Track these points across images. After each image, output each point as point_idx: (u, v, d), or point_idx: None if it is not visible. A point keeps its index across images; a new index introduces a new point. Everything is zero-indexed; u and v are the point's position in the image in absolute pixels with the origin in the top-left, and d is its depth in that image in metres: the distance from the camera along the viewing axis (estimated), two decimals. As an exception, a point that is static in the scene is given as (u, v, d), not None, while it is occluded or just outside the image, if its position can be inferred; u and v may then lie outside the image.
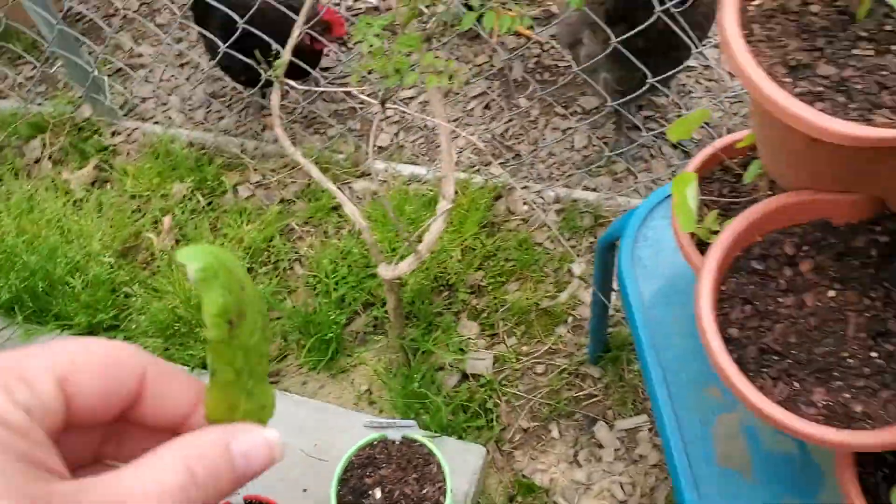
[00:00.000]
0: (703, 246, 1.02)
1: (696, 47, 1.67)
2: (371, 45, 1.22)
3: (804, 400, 0.79)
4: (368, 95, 1.63)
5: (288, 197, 2.24)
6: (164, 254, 2.06)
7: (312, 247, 2.12)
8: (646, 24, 1.55)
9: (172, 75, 2.55)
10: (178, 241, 2.12)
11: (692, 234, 1.05)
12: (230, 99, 2.50)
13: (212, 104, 2.48)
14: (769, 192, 1.00)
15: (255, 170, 2.29)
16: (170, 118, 2.45)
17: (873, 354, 0.82)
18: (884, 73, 0.73)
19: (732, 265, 0.87)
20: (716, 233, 0.96)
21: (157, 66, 2.59)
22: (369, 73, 2.17)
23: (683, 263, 1.23)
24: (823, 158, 0.78)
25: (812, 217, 0.88)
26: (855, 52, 0.75)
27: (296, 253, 2.12)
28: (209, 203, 2.22)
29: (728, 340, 0.84)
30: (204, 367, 1.85)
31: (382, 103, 1.37)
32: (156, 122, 2.46)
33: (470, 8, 1.36)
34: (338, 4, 2.71)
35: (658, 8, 1.54)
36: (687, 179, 0.95)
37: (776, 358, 0.83)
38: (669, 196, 1.33)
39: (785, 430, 0.77)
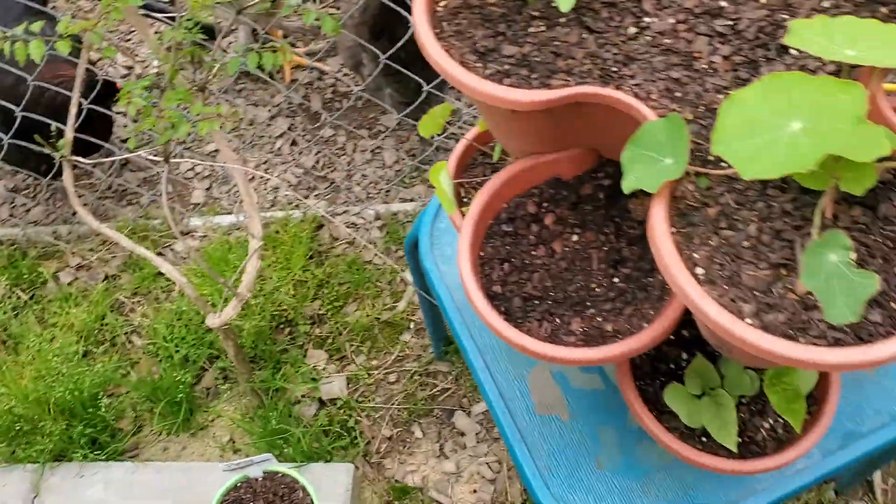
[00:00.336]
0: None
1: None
2: (138, 107, 1.27)
3: (564, 331, 0.91)
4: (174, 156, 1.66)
5: (112, 272, 2.22)
6: (-9, 357, 2.01)
7: (146, 315, 2.12)
8: (405, 37, 1.67)
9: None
10: (4, 342, 2.07)
11: (464, 216, 1.16)
12: (34, 189, 2.46)
13: (15, 199, 2.43)
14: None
15: (74, 253, 2.27)
16: (-29, 221, 2.39)
17: (616, 280, 0.95)
18: (556, 43, 0.86)
19: (487, 232, 0.98)
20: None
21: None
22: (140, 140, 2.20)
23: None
24: (529, 125, 0.90)
25: (545, 177, 1.00)
26: (531, 30, 0.87)
27: (130, 325, 2.11)
28: (31, 297, 2.17)
29: (494, 297, 0.94)
30: (55, 459, 1.82)
31: (166, 159, 1.41)
32: (-43, 229, 2.39)
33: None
34: (127, 75, 2.71)
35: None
36: (439, 168, 1.06)
37: (537, 302, 0.94)
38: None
39: (553, 361, 0.88)
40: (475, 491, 1.84)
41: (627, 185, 0.75)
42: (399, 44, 1.70)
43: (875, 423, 1.18)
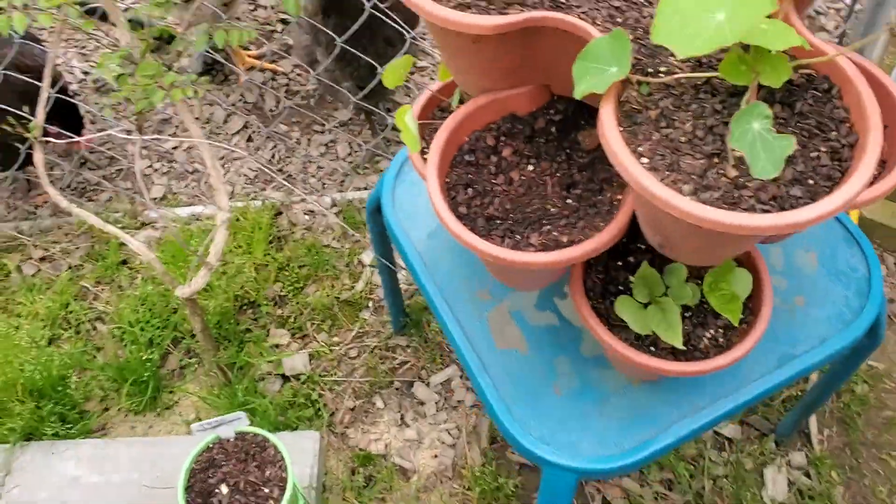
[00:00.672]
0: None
1: (408, 32, 1.91)
2: (115, 75, 1.33)
3: (525, 244, 1.00)
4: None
5: (75, 263, 2.26)
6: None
7: (110, 302, 2.15)
8: (361, 19, 1.77)
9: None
10: (-33, 332, 2.08)
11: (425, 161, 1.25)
12: (-9, 187, 2.48)
13: (-28, 198, 2.45)
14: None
15: (36, 246, 2.30)
16: (-70, 220, 2.40)
17: (569, 201, 1.05)
18: (511, -19, 0.97)
19: (451, 162, 1.08)
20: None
21: None
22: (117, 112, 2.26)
23: (432, 196, 1.44)
24: (487, 54, 1.00)
25: (501, 113, 1.10)
26: (488, -28, 0.98)
27: (95, 312, 2.14)
28: (-7, 288, 2.20)
29: (460, 217, 1.03)
30: (26, 438, 1.84)
31: (140, 129, 1.48)
32: (-86, 226, 2.39)
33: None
34: (83, 80, 2.75)
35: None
36: (404, 110, 1.15)
37: (499, 222, 1.04)
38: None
39: (517, 265, 0.97)
40: (436, 456, 1.91)
41: (580, 92, 0.85)
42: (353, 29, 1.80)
43: (806, 346, 1.30)
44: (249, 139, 2.59)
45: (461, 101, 1.25)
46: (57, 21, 1.41)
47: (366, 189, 2.41)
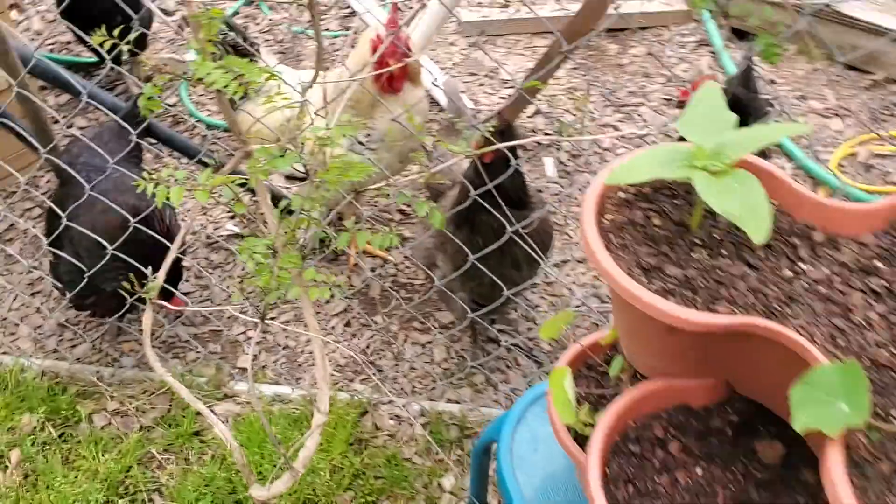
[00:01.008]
0: (578, 439, 1.10)
1: (543, 261, 1.85)
2: (256, 263, 1.29)
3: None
4: (240, 313, 1.69)
5: (147, 424, 2.16)
6: (10, 491, 1.91)
7: (173, 475, 2.03)
8: (499, 242, 1.73)
9: (23, 304, 2.48)
10: (26, 477, 1.98)
11: (568, 427, 1.13)
12: (84, 326, 2.45)
13: (64, 333, 2.42)
14: (632, 385, 1.11)
15: (112, 397, 2.22)
16: (19, 347, 2.36)
17: (743, 523, 0.91)
18: (719, 272, 0.88)
19: (613, 448, 0.96)
20: (589, 425, 1.05)
21: (4, 295, 2.52)
22: (245, 295, 2.24)
23: (560, 457, 1.31)
24: (680, 345, 0.90)
25: (674, 402, 0.99)
26: (694, 255, 0.90)
27: (155, 482, 2.02)
28: (61, 434, 2.10)
29: (619, 521, 0.90)
30: None
31: (262, 318, 1.42)
32: (4, 353, 2.35)
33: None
34: (196, 232, 2.78)
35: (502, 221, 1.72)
36: (562, 373, 1.05)
37: (662, 534, 0.90)
38: (540, 397, 1.42)
39: None
40: None
41: (801, 426, 0.73)
42: (490, 249, 1.75)
43: None
44: (347, 324, 2.53)
45: (621, 369, 1.15)
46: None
47: (457, 403, 2.29)
